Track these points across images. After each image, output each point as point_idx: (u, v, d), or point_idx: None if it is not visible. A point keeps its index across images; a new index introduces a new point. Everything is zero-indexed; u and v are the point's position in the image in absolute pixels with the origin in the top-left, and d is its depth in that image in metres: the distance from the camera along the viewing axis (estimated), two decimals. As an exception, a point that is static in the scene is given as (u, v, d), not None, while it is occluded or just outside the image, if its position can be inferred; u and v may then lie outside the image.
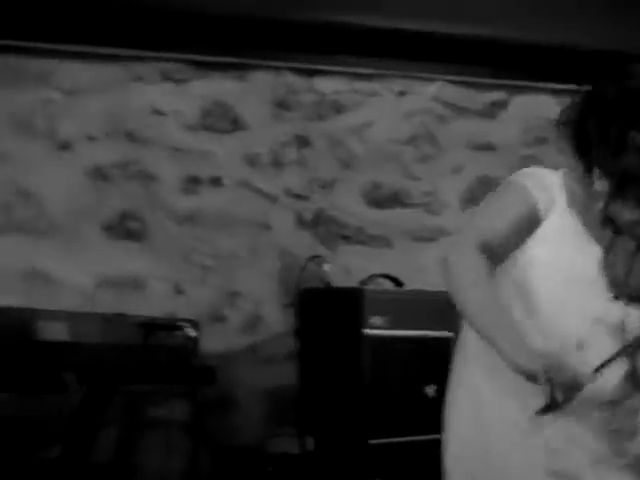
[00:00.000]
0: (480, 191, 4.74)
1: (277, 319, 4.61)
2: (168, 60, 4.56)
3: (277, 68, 4.69)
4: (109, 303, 4.30)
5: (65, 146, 4.45)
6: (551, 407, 2.20)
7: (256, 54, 4.59)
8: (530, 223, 2.35)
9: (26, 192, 4.39)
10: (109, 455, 4.31)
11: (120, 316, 3.66)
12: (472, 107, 4.98)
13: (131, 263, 4.48)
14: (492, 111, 5.01)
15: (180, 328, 3.68)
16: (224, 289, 4.58)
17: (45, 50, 4.40)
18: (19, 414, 4.18)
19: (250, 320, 4.61)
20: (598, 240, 2.36)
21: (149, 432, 4.42)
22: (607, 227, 2.31)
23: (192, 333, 3.71)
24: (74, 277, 4.39)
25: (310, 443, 4.21)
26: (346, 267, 4.65)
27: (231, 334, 4.57)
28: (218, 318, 4.55)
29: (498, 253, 2.35)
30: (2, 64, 4.37)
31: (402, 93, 4.89)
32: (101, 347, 3.46)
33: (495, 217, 2.36)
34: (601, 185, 2.24)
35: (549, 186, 2.37)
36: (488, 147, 4.89)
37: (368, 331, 4.07)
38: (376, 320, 4.09)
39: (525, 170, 2.43)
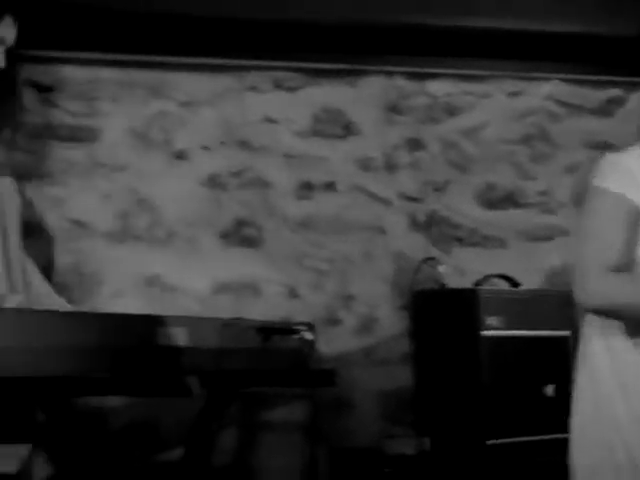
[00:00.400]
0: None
1: (391, 321, 4.62)
2: (280, 69, 4.61)
3: (388, 73, 4.70)
4: (226, 308, 4.35)
5: (181, 156, 4.52)
6: None
7: (366, 60, 4.61)
8: (637, 222, 2.36)
9: (144, 201, 4.47)
10: (229, 457, 4.37)
11: (238, 320, 3.68)
12: (587, 105, 4.93)
13: (247, 269, 4.52)
14: (609, 109, 4.96)
15: (297, 331, 3.67)
16: (339, 293, 4.61)
17: (159, 63, 4.49)
18: (143, 418, 4.27)
19: (365, 323, 4.63)
20: None
21: (268, 434, 4.46)
22: None
23: (309, 336, 3.70)
24: (192, 283, 4.46)
25: (427, 444, 4.20)
26: (460, 268, 4.64)
27: (346, 337, 4.58)
28: (333, 321, 4.58)
29: (625, 265, 2.37)
30: (118, 78, 4.47)
31: (515, 93, 4.87)
32: (221, 351, 3.49)
33: (605, 239, 2.36)
34: None
35: (630, 170, 2.37)
36: (604, 145, 4.77)
37: (485, 332, 4.07)
38: (492, 321, 4.08)
39: (604, 168, 2.42)
